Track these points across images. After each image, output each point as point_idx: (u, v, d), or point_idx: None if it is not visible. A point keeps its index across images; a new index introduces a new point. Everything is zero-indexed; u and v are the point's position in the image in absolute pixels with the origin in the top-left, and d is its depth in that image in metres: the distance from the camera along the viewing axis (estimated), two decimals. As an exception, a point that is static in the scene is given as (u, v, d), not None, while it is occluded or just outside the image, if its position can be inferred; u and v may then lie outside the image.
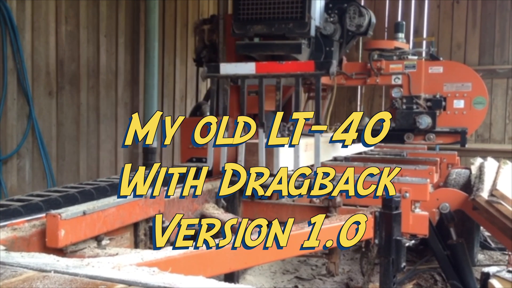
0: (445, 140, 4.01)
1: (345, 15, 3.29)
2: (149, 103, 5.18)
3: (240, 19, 2.96)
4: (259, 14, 2.93)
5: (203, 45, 3.57)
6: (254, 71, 2.62)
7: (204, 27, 3.56)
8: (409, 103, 3.95)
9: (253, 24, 2.94)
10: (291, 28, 2.89)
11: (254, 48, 3.00)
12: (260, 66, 2.63)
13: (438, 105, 3.92)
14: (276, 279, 4.06)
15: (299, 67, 2.61)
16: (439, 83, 3.97)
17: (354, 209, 2.53)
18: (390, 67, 4.02)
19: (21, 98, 3.90)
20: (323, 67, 2.55)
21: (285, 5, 2.89)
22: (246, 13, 2.95)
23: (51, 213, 1.56)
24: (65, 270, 1.10)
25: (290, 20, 2.89)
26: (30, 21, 3.95)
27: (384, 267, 2.31)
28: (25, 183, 3.97)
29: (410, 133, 3.94)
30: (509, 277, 1.65)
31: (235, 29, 2.99)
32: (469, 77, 3.98)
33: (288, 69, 2.60)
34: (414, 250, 4.50)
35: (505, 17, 8.50)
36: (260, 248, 1.85)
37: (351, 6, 3.30)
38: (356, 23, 3.32)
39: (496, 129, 8.64)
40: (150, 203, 1.99)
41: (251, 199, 2.75)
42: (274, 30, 2.91)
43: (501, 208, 2.94)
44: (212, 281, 1.04)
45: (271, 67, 2.62)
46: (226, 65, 2.72)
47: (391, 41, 4.20)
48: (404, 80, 3.99)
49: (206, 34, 3.55)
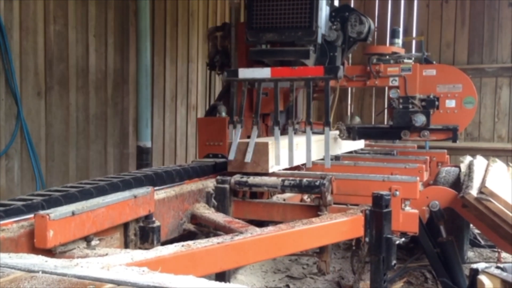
0: (438, 137, 4.30)
1: (347, 23, 3.56)
2: (142, 103, 5.16)
3: (254, 28, 3.21)
4: (271, 23, 3.18)
5: (216, 51, 3.89)
6: (269, 75, 2.87)
7: (217, 34, 3.89)
8: (405, 103, 4.27)
9: (265, 32, 3.20)
10: (300, 36, 3.15)
11: (266, 54, 3.27)
12: (275, 71, 2.88)
13: (432, 104, 4.22)
14: (267, 278, 4.06)
15: (310, 71, 2.88)
16: (432, 85, 4.30)
17: (344, 207, 2.54)
18: (388, 70, 4.37)
19: (9, 99, 3.87)
20: (332, 72, 2.79)
21: (295, 15, 3.14)
22: (259, 22, 3.20)
23: (40, 214, 1.55)
24: (53, 270, 1.08)
25: (299, 29, 3.14)
26: (18, 21, 3.92)
27: (374, 265, 2.31)
28: (14, 184, 3.94)
29: (406, 131, 4.22)
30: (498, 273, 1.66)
31: (248, 37, 3.24)
32: (460, 79, 4.31)
33: (300, 74, 2.86)
34: (404, 248, 4.52)
35: (494, 16, 8.57)
36: (251, 247, 1.85)
37: (352, 15, 3.57)
38: (357, 30, 3.58)
39: (485, 128, 8.70)
40: (140, 203, 1.98)
41: (242, 199, 2.75)
42: (285, 37, 3.17)
43: (490, 205, 2.96)
44: (202, 280, 1.03)
45: (285, 72, 2.87)
46: (244, 70, 2.98)
47: (389, 46, 4.63)
48: (401, 82, 4.32)
49: (218, 41, 3.87)
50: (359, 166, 3.34)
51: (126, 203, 1.90)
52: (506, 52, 8.54)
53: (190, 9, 6.26)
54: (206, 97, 6.73)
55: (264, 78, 2.88)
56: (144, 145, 5.20)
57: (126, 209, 1.90)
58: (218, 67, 3.93)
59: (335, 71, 2.79)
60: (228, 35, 3.81)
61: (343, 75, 4.00)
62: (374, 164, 3.53)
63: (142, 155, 5.19)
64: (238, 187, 2.67)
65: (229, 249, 1.77)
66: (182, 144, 6.21)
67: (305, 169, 3.19)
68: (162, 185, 2.42)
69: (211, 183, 2.69)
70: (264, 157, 2.72)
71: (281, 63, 3.29)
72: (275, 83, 2.90)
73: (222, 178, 2.68)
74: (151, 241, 2.01)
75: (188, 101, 6.30)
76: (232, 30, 3.76)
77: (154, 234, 2.01)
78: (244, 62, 3.68)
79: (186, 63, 6.25)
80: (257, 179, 2.64)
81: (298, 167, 3.19)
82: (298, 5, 3.14)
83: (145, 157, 5.20)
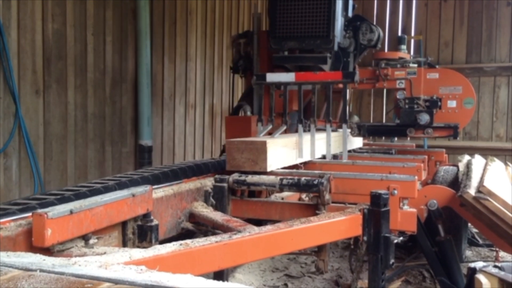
0: (440, 134, 4.74)
1: (359, 32, 3.90)
2: (143, 102, 5.17)
3: (276, 36, 3.54)
4: (292, 32, 3.50)
5: (239, 56, 4.28)
6: (294, 79, 3.27)
7: (240, 40, 4.29)
8: (411, 103, 4.73)
9: (287, 41, 3.51)
10: (318, 44, 3.47)
11: (289, 59, 3.60)
12: (299, 75, 3.27)
13: (435, 105, 4.69)
14: (265, 277, 4.06)
15: (330, 76, 3.27)
16: (435, 87, 4.79)
17: (343, 206, 2.53)
18: (395, 73, 4.87)
19: (7, 97, 3.86)
20: (349, 76, 3.18)
21: (314, 26, 3.47)
22: (281, 31, 3.52)
23: (37, 212, 1.54)
24: (51, 269, 1.08)
25: (317, 37, 3.46)
26: (16, 19, 3.91)
27: (372, 264, 2.31)
28: (12, 182, 3.93)
29: (412, 128, 4.65)
30: (496, 272, 1.67)
31: (272, 44, 3.56)
32: (460, 81, 4.79)
33: (321, 78, 3.26)
34: (402, 247, 4.53)
35: (492, 16, 8.58)
36: (249, 245, 1.85)
37: (363, 24, 3.90)
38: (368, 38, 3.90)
39: (483, 127, 8.71)
40: (139, 202, 1.98)
41: (240, 198, 2.75)
42: (305, 45, 3.50)
43: (488, 204, 2.97)
44: (200, 279, 1.03)
45: (307, 76, 3.27)
46: (271, 74, 3.36)
47: (396, 52, 5.14)
48: (407, 84, 4.82)
49: (242, 47, 4.26)
50: (358, 165, 3.34)
51: (124, 201, 1.90)
52: (504, 51, 8.55)
53: (189, 7, 6.26)
54: (204, 95, 6.73)
55: (289, 81, 3.29)
56: (146, 143, 5.22)
57: (124, 207, 1.90)
58: (241, 71, 4.32)
59: (352, 76, 3.17)
60: (250, 42, 4.19)
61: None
62: (372, 163, 3.53)
63: (143, 153, 5.22)
64: (236, 186, 2.67)
65: (227, 248, 1.77)
66: (180, 142, 6.21)
67: (304, 168, 3.19)
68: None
69: (209, 182, 2.69)
70: (262, 156, 2.72)
71: (300, 68, 3.62)
72: (298, 86, 3.31)
73: (220, 177, 2.67)
74: (149, 239, 2.00)
75: (187, 100, 6.30)
76: (255, 37, 4.13)
77: (152, 233, 2.01)
78: (265, 67, 4.08)
79: (185, 62, 6.25)
80: (256, 178, 2.64)
81: (296, 166, 3.20)
82: (317, 17, 3.46)
83: (147, 155, 5.22)
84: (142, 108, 5.17)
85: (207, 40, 6.74)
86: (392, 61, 5.00)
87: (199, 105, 6.61)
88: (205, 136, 6.79)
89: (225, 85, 7.31)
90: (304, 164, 3.30)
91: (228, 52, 7.34)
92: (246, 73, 4.36)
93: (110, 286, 0.94)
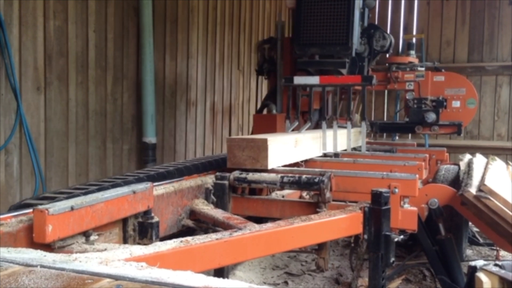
0: (446, 131, 5.27)
1: (373, 39, 4.35)
2: (147, 99, 5.18)
3: (301, 43, 3.97)
4: (315, 39, 3.92)
5: (264, 60, 4.70)
6: (318, 81, 3.69)
7: (265, 46, 4.71)
8: (419, 103, 5.25)
9: (310, 47, 3.94)
10: (338, 50, 3.89)
11: (312, 64, 4.06)
12: (323, 78, 3.68)
13: (441, 104, 5.22)
14: (266, 275, 4.06)
15: (350, 79, 3.70)
16: (441, 88, 5.31)
17: (343, 204, 2.53)
18: (405, 76, 5.43)
19: (8, 94, 3.86)
20: (368, 80, 3.60)
21: (334, 34, 3.88)
22: (305, 39, 3.95)
23: (38, 208, 1.54)
24: (51, 265, 1.08)
25: (337, 44, 3.87)
26: (18, 15, 3.91)
27: (373, 262, 2.31)
28: (13, 179, 3.94)
29: (419, 126, 5.19)
30: (496, 270, 1.66)
31: (296, 50, 4.00)
32: (464, 84, 5.32)
33: (343, 81, 3.73)
34: (403, 245, 4.52)
35: (494, 15, 8.56)
36: (249, 243, 1.85)
37: (377, 31, 4.37)
38: (381, 44, 4.36)
39: (485, 126, 8.70)
40: (139, 199, 1.98)
41: (241, 195, 2.75)
42: (326, 51, 3.92)
43: (489, 203, 2.96)
44: (200, 276, 1.03)
45: (331, 79, 3.72)
46: (298, 77, 3.80)
47: (406, 57, 5.79)
48: (415, 86, 5.36)
49: (266, 51, 4.67)
50: (358, 163, 3.34)
51: (125, 198, 1.90)
52: (506, 50, 8.53)
53: (190, 5, 6.25)
54: (205, 93, 6.73)
55: (314, 84, 3.70)
56: (150, 141, 5.24)
57: (125, 204, 1.90)
58: (266, 73, 4.75)
59: (370, 79, 3.59)
60: (274, 47, 4.60)
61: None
62: (373, 161, 3.52)
63: (147, 151, 5.24)
64: (237, 183, 2.67)
65: (228, 245, 1.77)
66: (181, 139, 6.21)
67: (304, 166, 3.20)
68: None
69: (210, 179, 2.69)
70: (264, 153, 2.72)
71: (320, 71, 4.06)
72: (322, 88, 3.73)
73: (221, 174, 2.67)
74: (149, 236, 2.01)
75: (188, 97, 6.30)
76: (278, 43, 4.55)
77: (153, 230, 2.01)
78: (288, 70, 4.49)
79: (186, 59, 6.24)
80: (256, 176, 2.64)
81: (297, 163, 3.20)
82: (337, 26, 3.87)
83: (151, 153, 5.25)
84: (146, 105, 5.18)
85: (208, 37, 6.74)
86: (402, 65, 5.57)
87: (200, 103, 6.61)
88: (206, 134, 6.80)
89: (226, 82, 7.31)
90: (305, 162, 3.30)
91: (229, 50, 7.34)
92: (270, 75, 4.78)
93: (110, 282, 0.94)
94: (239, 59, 7.64)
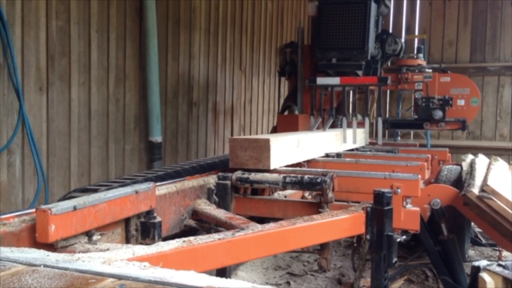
0: (451, 127, 5.75)
1: (385, 43, 4.78)
2: (153, 100, 5.23)
3: (321, 48, 4.37)
4: (334, 44, 4.30)
5: (285, 62, 5.06)
6: (339, 82, 4.04)
7: (286, 49, 5.08)
8: (427, 102, 5.70)
9: (329, 51, 4.33)
10: (355, 54, 4.26)
11: (331, 66, 4.41)
12: (343, 79, 4.03)
13: (447, 103, 5.67)
14: (268, 275, 4.06)
15: (367, 80, 4.13)
16: (447, 88, 5.76)
17: (346, 204, 2.53)
18: (414, 77, 5.92)
19: (11, 94, 3.87)
20: (383, 81, 4.04)
21: (352, 39, 4.25)
22: (324, 43, 4.34)
23: (41, 208, 1.55)
24: (54, 264, 1.08)
25: (354, 49, 4.25)
26: (20, 16, 3.91)
27: (375, 262, 2.31)
28: (16, 179, 3.94)
29: (427, 122, 5.66)
30: (500, 270, 1.66)
31: (317, 54, 4.40)
32: (468, 84, 5.78)
33: (361, 81, 4.14)
34: (405, 245, 4.52)
35: (497, 15, 8.55)
36: (252, 243, 1.85)
37: (389, 37, 4.82)
38: (393, 48, 4.80)
39: (487, 127, 8.69)
40: (142, 198, 1.98)
41: (243, 195, 2.75)
42: (344, 55, 4.30)
43: (491, 203, 2.96)
44: (203, 276, 1.03)
45: (350, 80, 4.09)
46: (321, 78, 4.16)
47: (415, 60, 6.31)
48: (424, 86, 5.82)
49: (288, 55, 5.03)
50: (361, 163, 3.34)
51: (127, 198, 1.90)
52: (508, 50, 8.52)
53: (192, 6, 6.25)
54: (207, 93, 6.73)
55: (336, 84, 4.05)
56: (156, 140, 5.31)
57: (127, 204, 1.90)
58: (287, 75, 5.12)
59: (385, 80, 4.01)
60: (295, 51, 4.96)
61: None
62: (375, 161, 3.52)
63: (153, 149, 5.33)
64: (240, 184, 2.67)
65: (230, 245, 1.77)
66: (183, 140, 6.21)
67: (307, 166, 3.19)
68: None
69: (213, 179, 2.69)
70: (266, 153, 2.72)
71: (337, 72, 4.37)
72: (343, 88, 4.14)
73: (224, 174, 2.67)
74: (152, 236, 2.01)
75: (190, 98, 6.30)
76: (299, 48, 4.91)
77: (155, 230, 2.01)
78: (308, 72, 4.85)
79: (188, 60, 6.24)
80: (259, 176, 2.64)
81: (299, 164, 3.20)
82: (355, 32, 4.22)
83: (157, 151, 5.35)
84: (151, 106, 5.23)
85: (210, 38, 6.74)
86: (412, 67, 6.07)
87: (202, 103, 6.61)
88: (208, 134, 6.80)
89: (228, 83, 7.31)
90: (307, 162, 3.30)
91: (231, 51, 7.34)
92: (291, 77, 5.10)
93: (114, 282, 0.94)
94: (241, 59, 7.65)
